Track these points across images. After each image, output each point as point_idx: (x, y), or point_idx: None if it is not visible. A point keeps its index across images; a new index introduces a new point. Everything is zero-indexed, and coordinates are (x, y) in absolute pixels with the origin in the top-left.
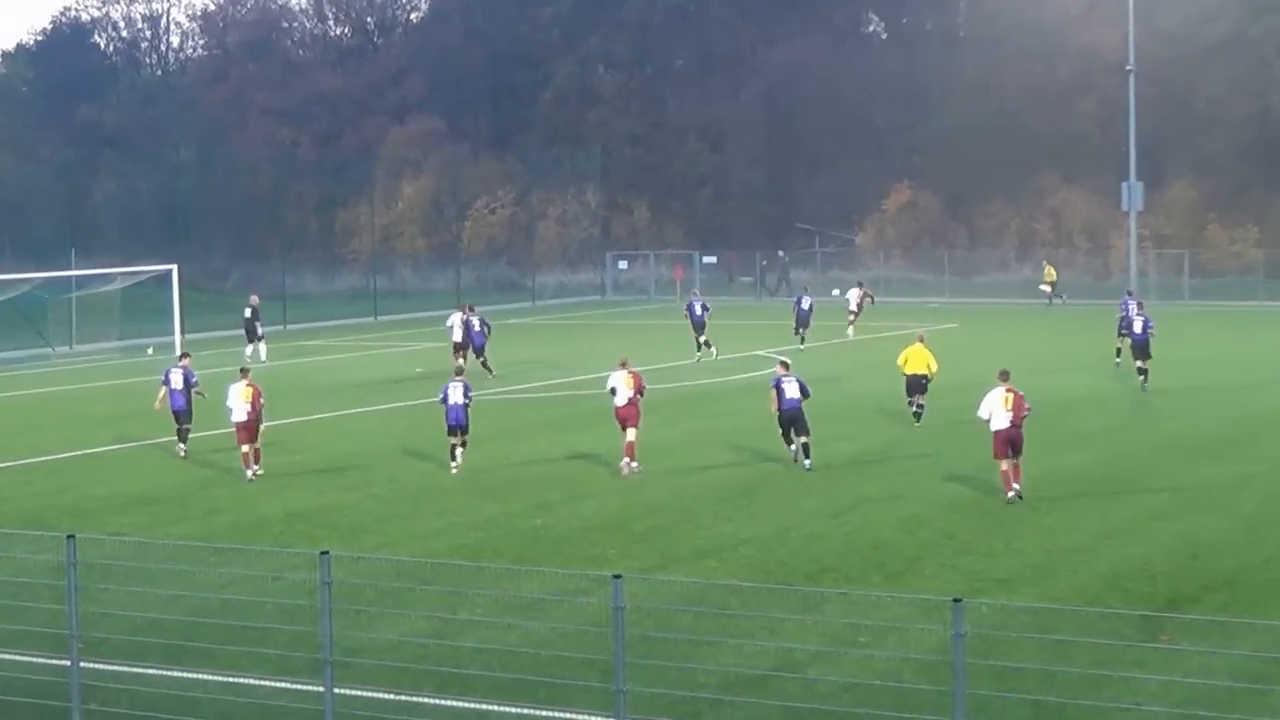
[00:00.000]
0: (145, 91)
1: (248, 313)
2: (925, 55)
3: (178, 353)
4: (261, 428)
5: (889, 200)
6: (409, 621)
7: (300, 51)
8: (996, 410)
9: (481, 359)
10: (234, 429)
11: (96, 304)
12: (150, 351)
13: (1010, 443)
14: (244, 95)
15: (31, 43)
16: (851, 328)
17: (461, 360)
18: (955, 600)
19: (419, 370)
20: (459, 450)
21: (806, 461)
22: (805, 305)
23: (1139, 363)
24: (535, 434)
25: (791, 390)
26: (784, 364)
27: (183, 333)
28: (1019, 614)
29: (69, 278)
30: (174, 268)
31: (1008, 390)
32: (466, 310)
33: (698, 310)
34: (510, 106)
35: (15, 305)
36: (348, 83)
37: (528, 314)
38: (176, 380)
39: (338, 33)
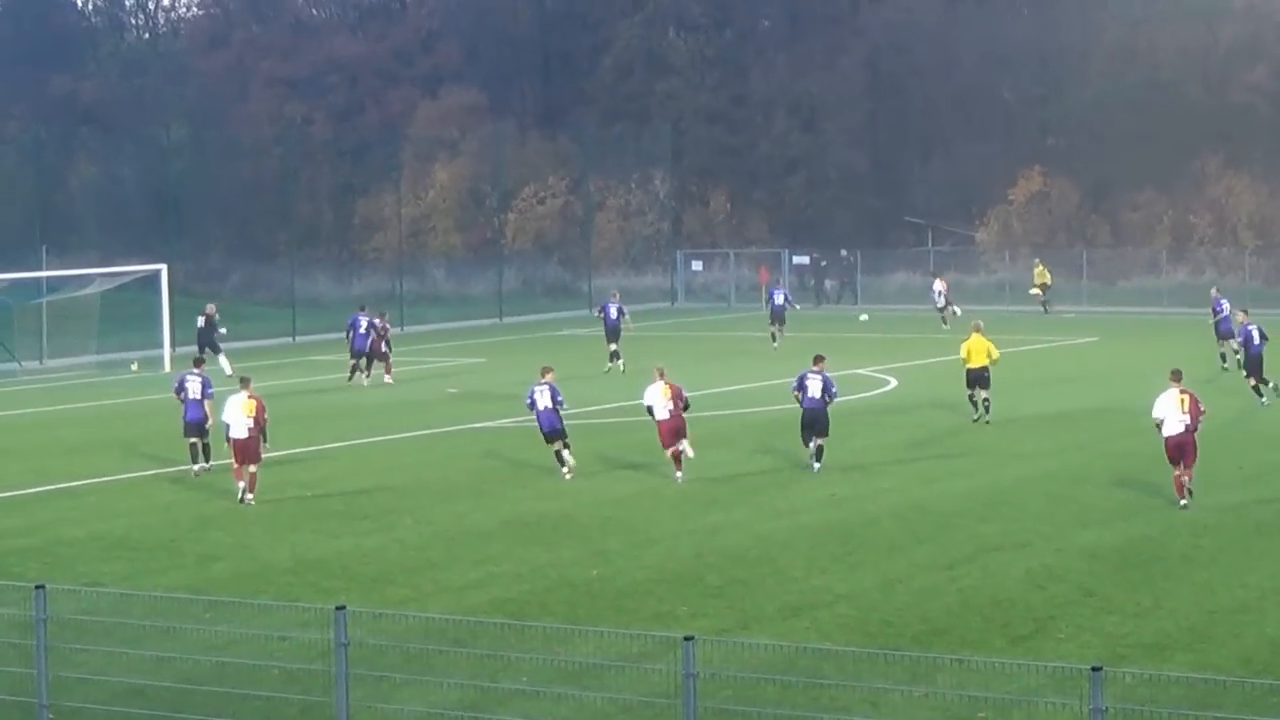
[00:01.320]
0: (129, 59)
1: (201, 322)
2: (1061, 15)
3: (166, 368)
4: (264, 447)
5: (1016, 189)
6: (440, 690)
7: (314, 11)
8: (1171, 413)
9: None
10: (230, 447)
11: (71, 311)
12: (134, 368)
13: (1180, 448)
14: (246, 63)
15: None
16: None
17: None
18: (1094, 669)
19: (452, 390)
20: (565, 454)
21: (816, 465)
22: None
23: (1252, 380)
24: (591, 468)
25: (814, 389)
26: (818, 358)
27: (173, 345)
28: (1171, 685)
29: (39, 280)
30: (163, 268)
31: (1182, 392)
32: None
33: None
34: (563, 76)
35: None
36: (370, 48)
37: (583, 324)
38: (194, 388)
39: None
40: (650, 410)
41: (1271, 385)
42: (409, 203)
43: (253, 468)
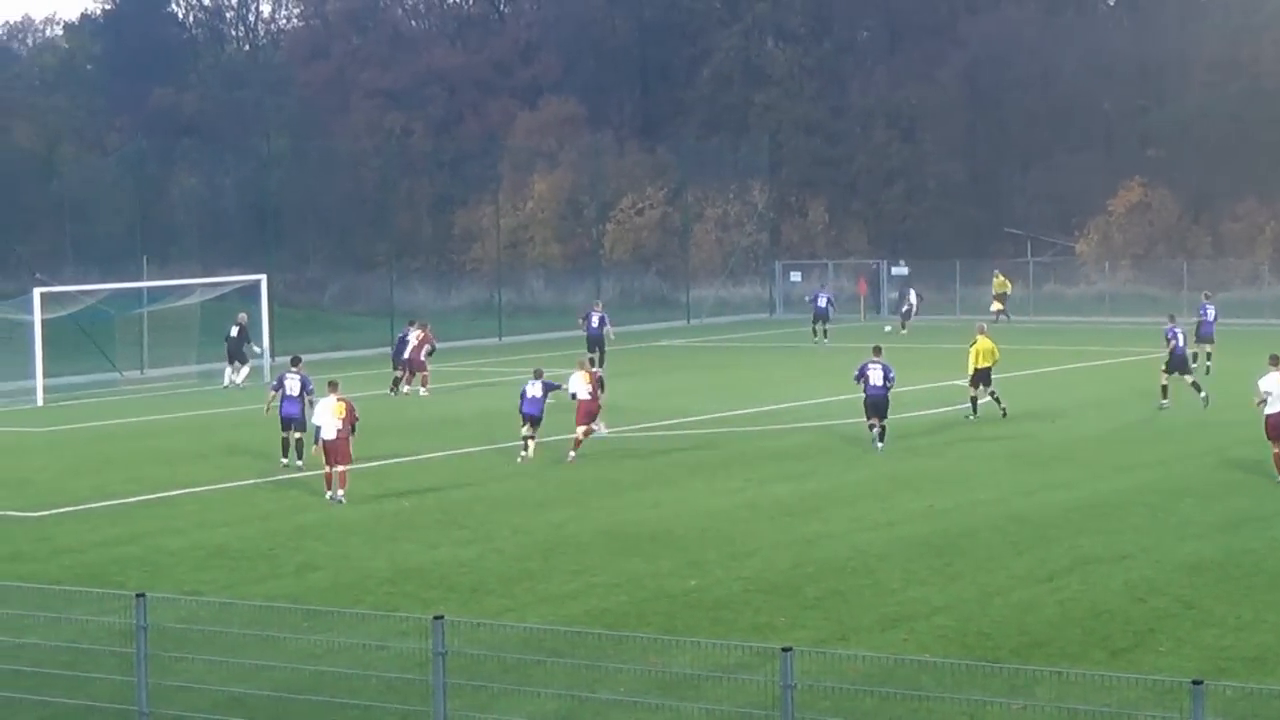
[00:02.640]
0: (230, 70)
1: (234, 332)
2: (1161, 25)
3: (265, 378)
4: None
5: (1116, 200)
6: (537, 700)
7: (413, 22)
8: (1276, 390)
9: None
10: (320, 450)
11: (172, 321)
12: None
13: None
14: (346, 74)
15: (98, 12)
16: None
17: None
18: (1195, 682)
19: (550, 401)
20: (530, 442)
21: (880, 445)
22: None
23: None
24: (688, 479)
25: (875, 376)
26: (877, 349)
27: (272, 355)
28: (1272, 699)
29: (140, 290)
30: (263, 278)
31: None
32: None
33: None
34: (661, 88)
35: (78, 322)
36: (469, 59)
37: (681, 335)
38: (293, 386)
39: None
40: (574, 395)
41: (1204, 393)
42: (507, 213)
43: (342, 468)
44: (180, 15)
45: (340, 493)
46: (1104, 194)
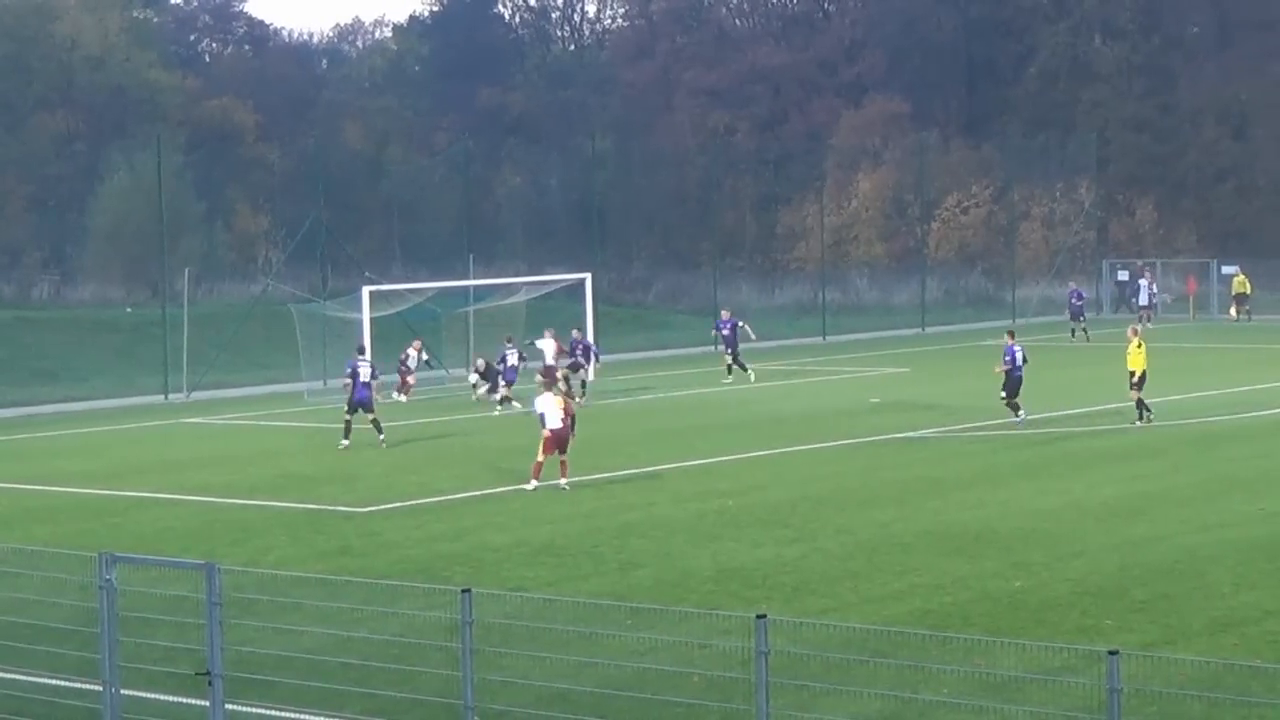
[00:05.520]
0: (556, 70)
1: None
2: None
3: (590, 376)
4: (571, 440)
5: None
6: (860, 701)
7: (737, 21)
8: None
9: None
10: (546, 438)
11: (498, 319)
12: (560, 375)
13: None
14: (671, 74)
15: (426, 14)
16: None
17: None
18: None
19: (875, 400)
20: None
21: (1020, 415)
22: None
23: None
24: (1013, 479)
25: (1019, 358)
26: (1011, 332)
27: (597, 358)
28: None
29: (466, 288)
30: (587, 277)
31: None
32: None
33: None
34: (987, 85)
35: (405, 320)
36: (793, 58)
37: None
38: (365, 373)
39: None
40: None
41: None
42: (831, 212)
43: (564, 456)
44: (506, 16)
45: (564, 481)
46: None
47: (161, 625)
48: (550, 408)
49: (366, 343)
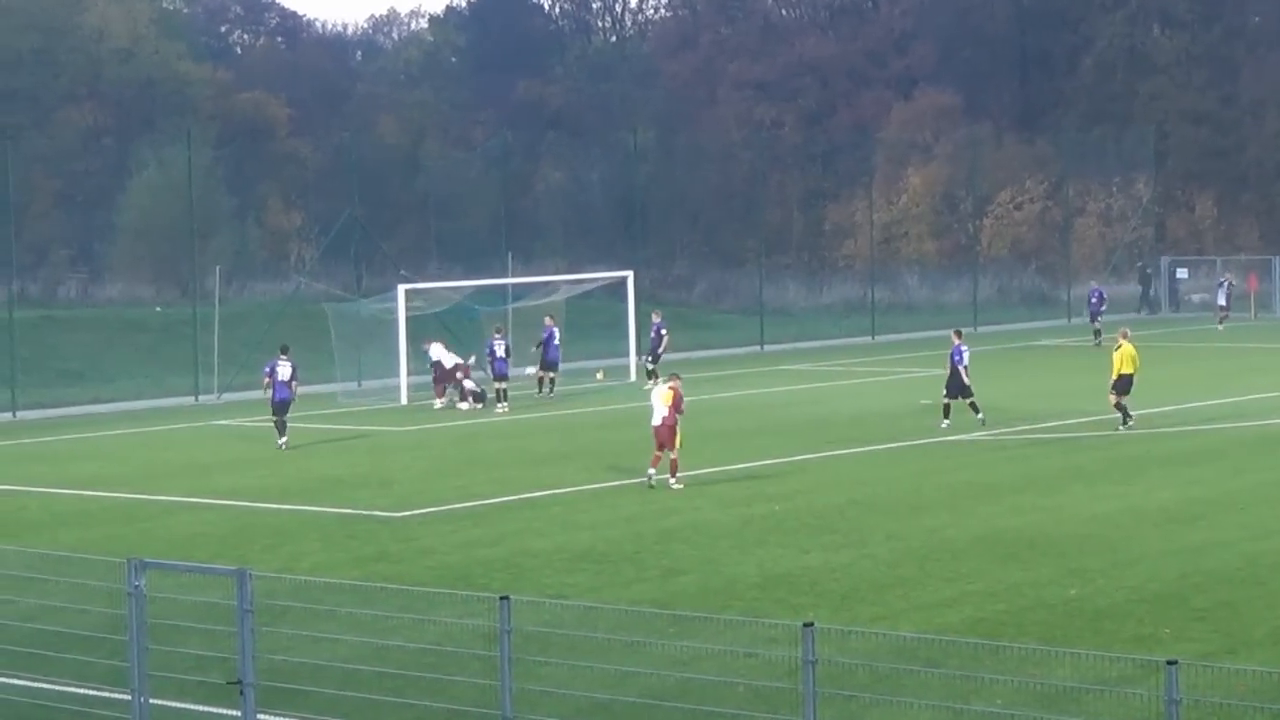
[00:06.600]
0: (596, 62)
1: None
2: None
3: (631, 377)
4: (678, 436)
5: None
6: (911, 711)
7: (783, 11)
8: None
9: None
10: (654, 433)
11: (537, 318)
12: (599, 376)
13: None
14: (714, 65)
15: (463, 4)
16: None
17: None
18: None
19: (925, 402)
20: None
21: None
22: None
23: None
24: (1067, 483)
25: (966, 358)
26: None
27: (638, 354)
28: None
29: (504, 286)
30: (629, 275)
31: None
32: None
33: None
34: (1041, 77)
35: (442, 320)
36: (841, 49)
37: (1061, 334)
38: (284, 371)
39: None
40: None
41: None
42: (881, 208)
43: (673, 454)
44: (546, 6)
45: (671, 479)
46: None
47: (192, 633)
48: (657, 401)
49: (403, 343)
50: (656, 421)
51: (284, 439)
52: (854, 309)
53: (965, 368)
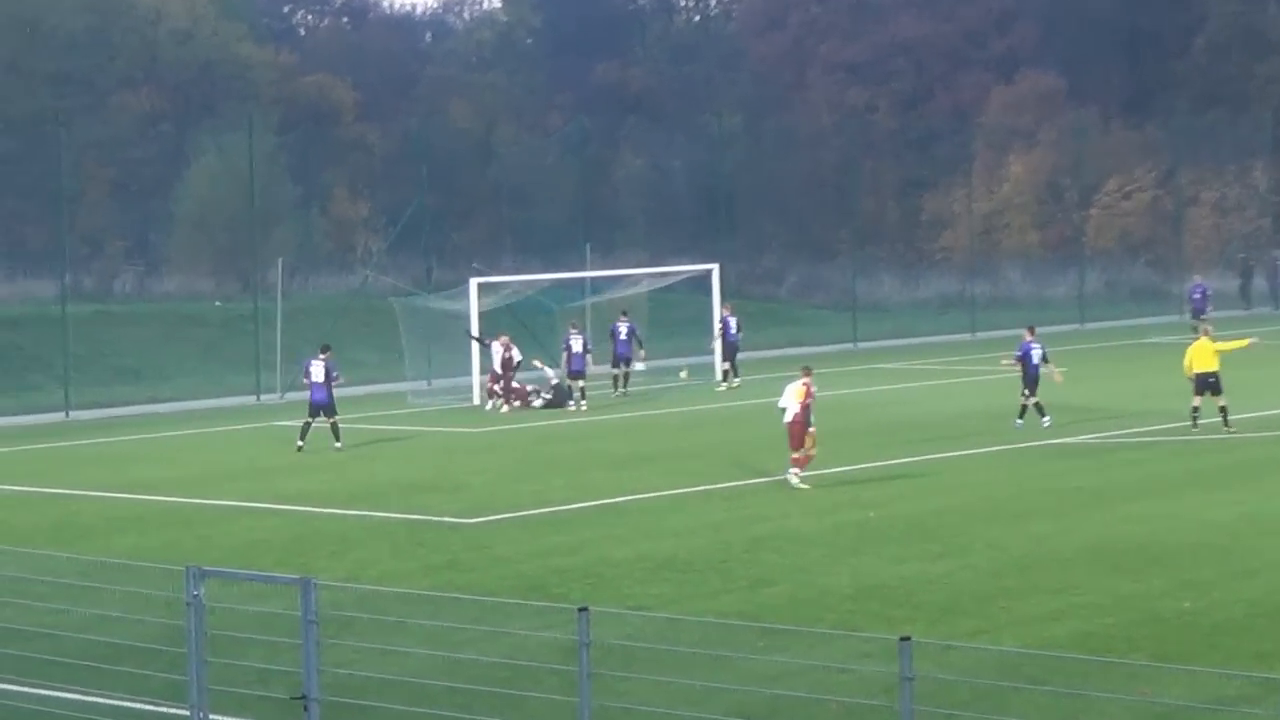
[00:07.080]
0: (679, 43)
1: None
2: None
3: (717, 375)
4: (810, 431)
5: None
6: None
7: None
8: None
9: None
10: (787, 430)
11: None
12: (683, 375)
13: None
14: (804, 47)
15: None
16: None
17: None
18: None
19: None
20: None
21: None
22: None
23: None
24: (1182, 490)
25: (1035, 356)
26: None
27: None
28: None
29: (582, 280)
30: (714, 268)
31: None
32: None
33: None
34: (1151, 59)
35: (515, 313)
36: (938, 29)
37: (1173, 330)
38: (317, 373)
39: None
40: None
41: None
42: (981, 197)
43: (798, 453)
44: None
45: (795, 475)
46: None
47: (253, 645)
48: (789, 399)
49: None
50: (789, 418)
51: (302, 442)
52: (952, 304)
53: (1037, 366)
